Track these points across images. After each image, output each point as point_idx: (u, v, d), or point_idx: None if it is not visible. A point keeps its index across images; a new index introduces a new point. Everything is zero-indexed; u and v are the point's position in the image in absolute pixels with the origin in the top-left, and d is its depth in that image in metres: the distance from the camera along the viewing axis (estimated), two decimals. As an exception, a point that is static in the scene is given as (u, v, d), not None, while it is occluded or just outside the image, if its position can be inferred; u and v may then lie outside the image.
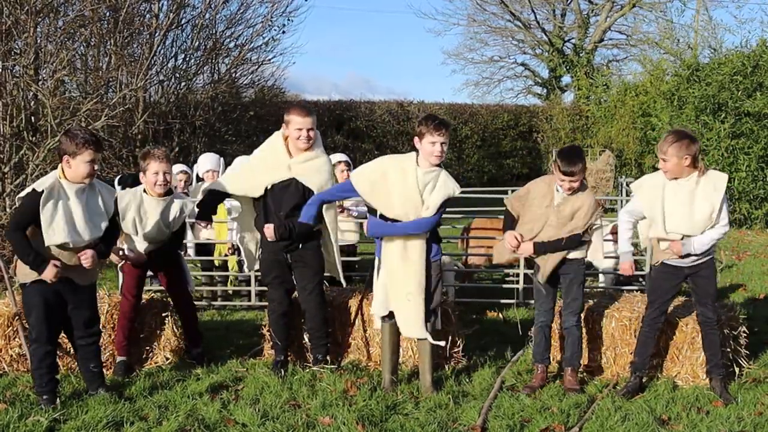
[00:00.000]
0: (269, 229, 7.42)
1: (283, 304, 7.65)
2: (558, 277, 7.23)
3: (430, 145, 6.85)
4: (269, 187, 7.42)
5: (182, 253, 8.57)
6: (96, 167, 6.59)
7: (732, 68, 19.64)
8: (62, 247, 6.47)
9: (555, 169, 7.03)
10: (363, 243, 10.62)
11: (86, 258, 6.62)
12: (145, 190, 7.76)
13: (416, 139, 6.97)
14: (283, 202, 7.40)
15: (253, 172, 7.57)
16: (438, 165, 6.96)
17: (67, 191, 6.49)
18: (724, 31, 21.74)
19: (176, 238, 8.01)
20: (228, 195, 7.73)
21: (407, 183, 6.87)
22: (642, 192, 7.09)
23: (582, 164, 6.98)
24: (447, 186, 6.98)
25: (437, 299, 7.14)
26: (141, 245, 7.76)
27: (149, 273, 8.25)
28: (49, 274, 6.43)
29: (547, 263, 7.12)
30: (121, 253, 7.69)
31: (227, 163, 11.35)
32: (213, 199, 7.72)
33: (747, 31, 59.23)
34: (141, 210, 7.67)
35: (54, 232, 6.39)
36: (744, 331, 7.67)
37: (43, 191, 6.37)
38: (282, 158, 7.41)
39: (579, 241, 7.10)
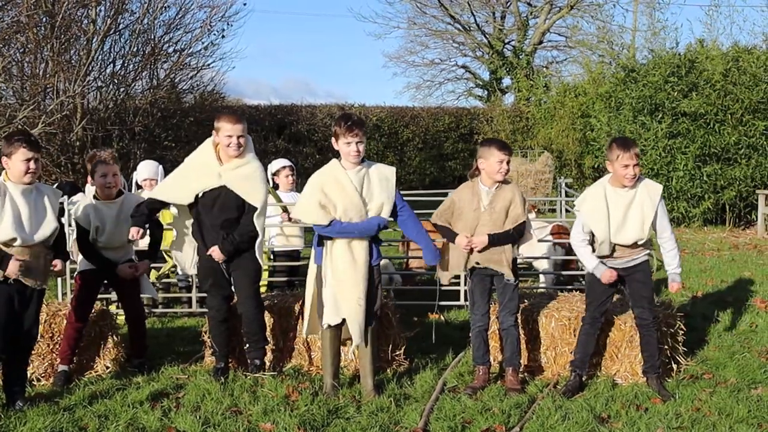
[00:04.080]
0: (215, 251, 7.35)
1: (221, 311, 7.61)
2: (492, 279, 7.29)
3: (346, 146, 6.91)
4: (200, 194, 7.35)
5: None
6: (33, 166, 6.59)
7: (666, 69, 19.89)
8: (10, 245, 6.48)
9: (489, 155, 7.14)
10: (307, 248, 10.60)
11: (58, 269, 6.87)
12: (95, 196, 7.71)
13: (333, 140, 7.02)
14: (214, 210, 7.36)
15: (184, 179, 7.47)
16: (362, 161, 7.03)
17: (12, 191, 6.55)
18: (656, 36, 22.01)
19: (155, 239, 8.07)
20: (164, 204, 7.66)
21: (345, 189, 6.88)
22: (585, 205, 7.18)
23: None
24: (385, 179, 7.08)
25: (378, 303, 7.15)
26: (107, 253, 7.76)
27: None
28: (11, 269, 6.47)
29: (504, 257, 7.20)
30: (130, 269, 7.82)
31: (167, 170, 11.26)
32: (150, 208, 7.65)
33: (673, 32, 60.02)
34: (98, 217, 7.67)
35: (2, 228, 6.44)
36: (681, 328, 7.78)
37: None
38: (212, 165, 7.35)
39: (523, 230, 7.22)
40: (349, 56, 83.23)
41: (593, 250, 7.18)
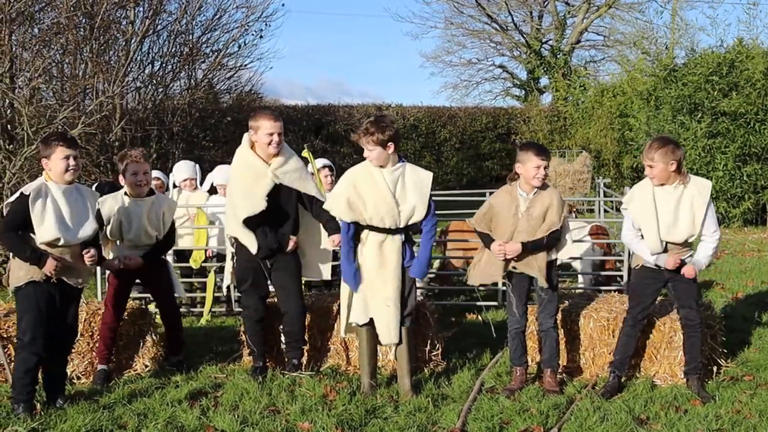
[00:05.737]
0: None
1: (258, 310, 7.65)
2: (531, 281, 7.26)
3: (366, 151, 6.98)
4: (267, 197, 7.38)
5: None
6: (73, 163, 6.66)
7: (707, 68, 19.73)
8: (54, 245, 6.55)
9: (526, 160, 7.08)
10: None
11: (91, 256, 6.79)
12: (126, 193, 7.77)
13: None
14: (270, 210, 7.39)
15: (247, 191, 7.43)
16: (400, 160, 7.07)
17: (53, 191, 6.61)
18: (698, 32, 21.76)
19: (166, 242, 8.07)
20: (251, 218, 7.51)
21: (378, 187, 6.92)
22: (633, 204, 7.12)
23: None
24: (420, 182, 7.06)
25: (412, 304, 7.16)
26: (127, 252, 7.77)
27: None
28: (49, 266, 6.52)
29: (537, 263, 7.15)
30: (117, 261, 7.71)
31: (204, 170, 11.32)
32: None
33: (722, 30, 59.42)
34: (125, 213, 7.70)
35: (45, 228, 6.50)
36: (721, 330, 7.73)
37: (30, 193, 6.50)
38: (260, 167, 7.40)
39: (558, 238, 7.16)
40: (383, 56, 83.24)
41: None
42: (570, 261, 11.27)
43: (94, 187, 10.08)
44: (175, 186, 10.96)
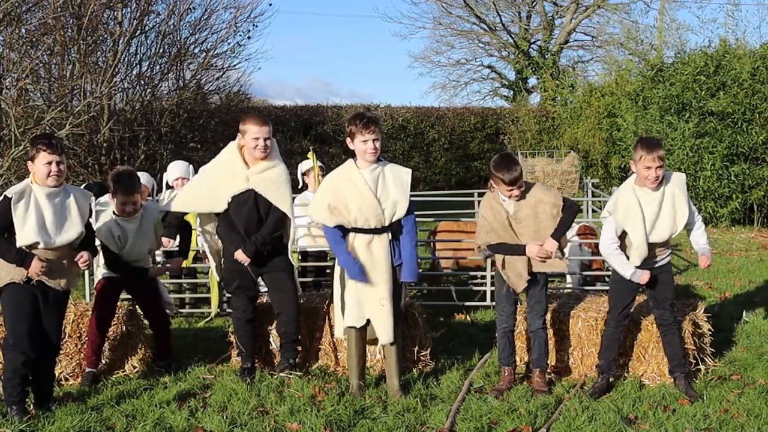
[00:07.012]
0: (240, 254, 7.39)
1: (247, 311, 7.63)
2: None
3: (363, 143, 6.91)
4: (230, 199, 7.39)
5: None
6: (56, 169, 6.59)
7: (695, 68, 19.75)
8: (33, 247, 6.51)
9: (497, 183, 7.03)
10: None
11: (83, 260, 6.78)
12: (115, 212, 7.76)
13: (348, 140, 7.02)
14: (243, 214, 7.38)
15: (213, 186, 7.47)
16: (378, 160, 7.03)
17: (37, 194, 6.57)
18: (687, 32, 21.74)
19: (184, 237, 8.19)
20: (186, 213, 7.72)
21: (358, 188, 6.91)
22: (619, 211, 7.02)
23: (520, 166, 7.04)
24: (399, 179, 7.05)
25: (402, 302, 7.17)
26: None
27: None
28: (34, 267, 6.48)
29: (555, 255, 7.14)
30: (160, 266, 8.11)
31: (195, 170, 11.30)
32: (177, 219, 7.82)
33: (710, 31, 59.54)
34: (117, 232, 7.69)
35: (25, 232, 6.46)
36: (709, 329, 7.74)
37: (12, 196, 6.47)
38: (239, 169, 7.38)
39: (575, 210, 7.17)
40: (372, 56, 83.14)
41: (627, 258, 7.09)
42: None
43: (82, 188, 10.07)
44: (168, 186, 10.93)
